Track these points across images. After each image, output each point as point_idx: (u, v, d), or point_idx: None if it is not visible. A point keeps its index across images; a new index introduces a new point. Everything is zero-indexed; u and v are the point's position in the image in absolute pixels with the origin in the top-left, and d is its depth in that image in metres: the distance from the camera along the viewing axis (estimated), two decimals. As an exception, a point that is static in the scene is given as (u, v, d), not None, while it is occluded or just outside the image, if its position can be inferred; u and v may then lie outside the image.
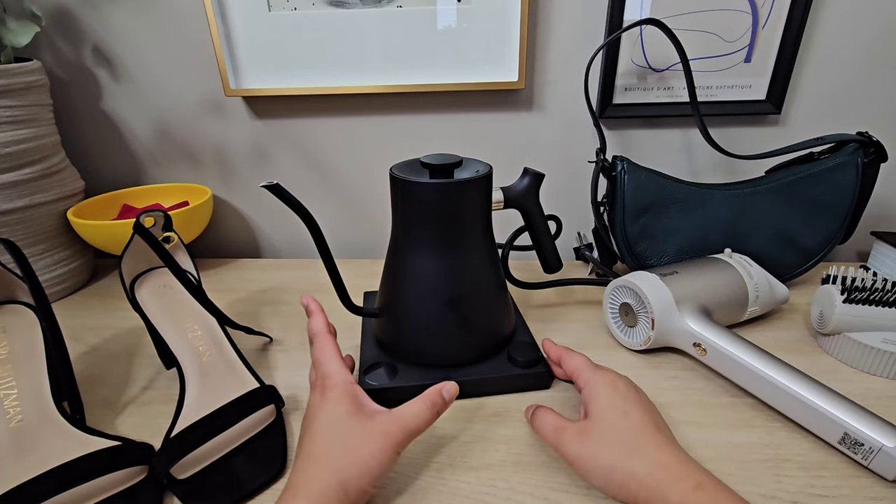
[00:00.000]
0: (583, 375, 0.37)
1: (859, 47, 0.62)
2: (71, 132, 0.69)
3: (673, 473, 0.29)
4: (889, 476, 0.34)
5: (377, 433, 0.32)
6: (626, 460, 0.30)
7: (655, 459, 0.30)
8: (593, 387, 0.36)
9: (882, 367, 0.45)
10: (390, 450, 0.32)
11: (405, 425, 0.33)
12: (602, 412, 0.33)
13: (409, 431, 0.33)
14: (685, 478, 0.28)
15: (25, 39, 0.57)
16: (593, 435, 0.32)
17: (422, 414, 0.34)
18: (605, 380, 0.36)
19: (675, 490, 0.28)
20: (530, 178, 0.48)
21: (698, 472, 0.29)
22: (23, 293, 0.44)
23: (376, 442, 0.32)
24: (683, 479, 0.28)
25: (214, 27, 0.61)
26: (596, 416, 0.33)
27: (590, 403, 0.35)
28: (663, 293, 0.47)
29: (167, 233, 0.47)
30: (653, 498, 0.28)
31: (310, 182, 0.73)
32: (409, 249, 0.43)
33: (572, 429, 0.33)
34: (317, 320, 0.40)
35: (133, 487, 0.34)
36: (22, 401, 0.38)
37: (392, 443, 0.32)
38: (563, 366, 0.40)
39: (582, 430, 0.33)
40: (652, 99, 0.64)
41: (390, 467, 0.32)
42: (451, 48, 0.62)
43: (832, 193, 0.55)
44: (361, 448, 0.32)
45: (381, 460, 0.31)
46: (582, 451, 0.32)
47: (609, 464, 0.30)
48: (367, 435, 0.32)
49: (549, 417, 0.35)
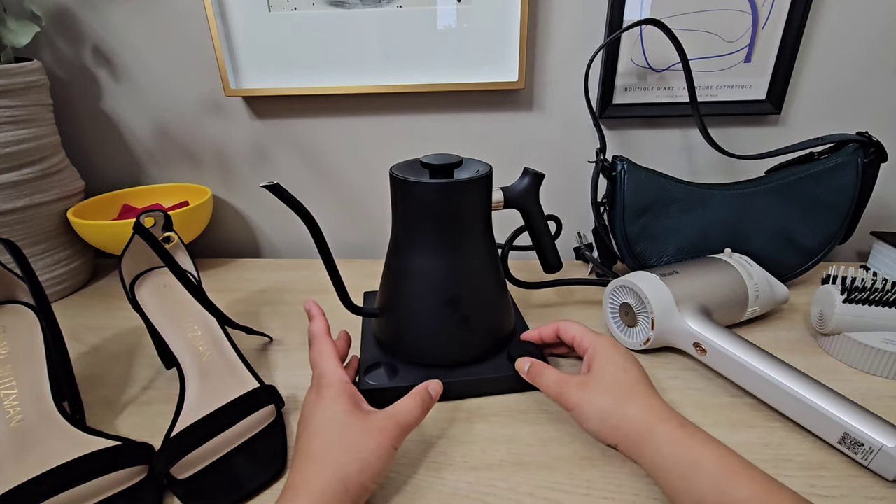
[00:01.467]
0: (587, 339, 0.41)
1: (859, 47, 0.62)
2: (71, 132, 0.69)
3: (661, 415, 0.33)
4: (889, 476, 0.34)
5: (374, 430, 0.33)
6: (623, 404, 0.34)
7: (647, 404, 0.34)
8: (598, 347, 0.39)
9: (882, 367, 0.45)
10: (388, 445, 0.32)
11: (400, 421, 0.34)
12: (604, 366, 0.37)
13: (404, 427, 0.34)
14: (671, 418, 0.33)
15: (25, 39, 0.57)
16: (593, 384, 0.36)
17: (413, 410, 0.35)
18: (608, 341, 0.40)
19: (662, 427, 0.32)
20: (530, 178, 0.48)
21: (681, 417, 0.33)
22: (23, 293, 0.44)
23: (374, 438, 0.32)
24: (670, 419, 0.33)
25: (214, 27, 0.61)
26: (598, 370, 0.37)
27: (594, 361, 0.38)
28: (663, 293, 0.47)
29: (167, 233, 0.47)
30: (642, 434, 0.32)
31: (310, 182, 0.73)
32: (410, 249, 0.43)
33: (574, 380, 0.37)
34: (316, 323, 0.41)
35: (133, 487, 0.34)
36: (22, 401, 0.38)
37: (389, 438, 0.33)
38: (563, 335, 0.43)
39: (584, 382, 0.37)
40: (652, 99, 0.64)
41: (389, 463, 0.33)
42: (451, 48, 0.62)
43: (832, 193, 0.55)
44: (360, 445, 0.32)
45: (380, 455, 0.32)
46: (583, 396, 0.36)
47: (607, 407, 0.34)
48: (365, 432, 0.33)
49: (550, 372, 0.39)
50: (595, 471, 0.36)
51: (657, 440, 0.32)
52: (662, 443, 0.31)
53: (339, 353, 0.41)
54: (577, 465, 0.36)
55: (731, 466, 0.29)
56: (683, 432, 0.32)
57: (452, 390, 0.42)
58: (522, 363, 0.42)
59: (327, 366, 0.37)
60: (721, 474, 0.29)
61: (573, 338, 0.42)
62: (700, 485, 0.29)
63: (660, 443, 0.31)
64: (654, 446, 0.32)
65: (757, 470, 0.29)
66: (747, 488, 0.28)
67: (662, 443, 0.31)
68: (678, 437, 0.31)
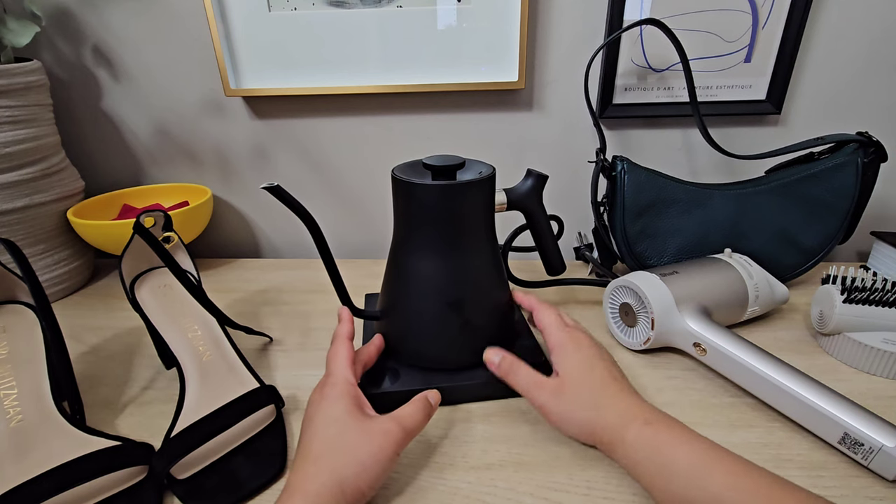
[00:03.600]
0: (553, 336, 0.40)
1: (859, 47, 0.62)
2: (71, 132, 0.69)
3: (627, 416, 0.34)
4: (889, 476, 0.34)
5: (377, 432, 0.33)
6: (592, 412, 0.35)
7: (615, 408, 0.35)
8: (562, 347, 0.39)
9: (882, 367, 0.45)
10: (390, 450, 0.32)
11: (405, 425, 0.34)
12: (570, 370, 0.37)
13: (409, 431, 0.34)
14: (637, 417, 0.33)
15: (25, 39, 0.57)
16: (567, 393, 0.36)
17: (417, 415, 0.35)
18: (570, 338, 0.39)
19: (630, 430, 0.33)
20: (534, 179, 0.48)
21: (648, 411, 0.34)
22: (23, 293, 0.44)
23: (376, 442, 0.32)
24: (636, 418, 0.33)
25: (214, 27, 0.61)
26: (566, 374, 0.37)
27: (560, 363, 0.38)
28: (663, 293, 0.47)
29: (167, 233, 0.47)
30: (614, 441, 0.33)
31: (310, 182, 0.73)
32: (412, 252, 0.43)
33: (548, 386, 0.37)
34: (340, 326, 0.42)
35: (133, 487, 0.34)
36: (22, 401, 0.38)
37: (392, 441, 0.32)
38: (535, 321, 0.43)
39: (557, 389, 0.37)
40: (652, 99, 0.65)
41: (389, 469, 0.32)
42: (451, 48, 0.62)
43: (832, 193, 0.55)
44: (359, 448, 0.32)
45: (379, 460, 0.31)
46: (561, 408, 0.36)
47: (582, 418, 0.35)
48: (366, 434, 0.32)
49: (523, 371, 0.38)
50: (595, 471, 0.36)
51: (626, 444, 0.32)
52: (632, 446, 0.32)
53: (364, 360, 0.41)
54: (577, 465, 0.36)
55: (703, 459, 0.30)
56: (650, 430, 0.32)
57: (455, 395, 0.42)
58: (492, 355, 0.40)
59: (336, 366, 0.37)
60: (695, 470, 0.29)
61: (542, 329, 0.42)
62: (678, 483, 0.29)
63: (630, 447, 0.32)
64: (625, 450, 0.32)
65: (730, 456, 0.30)
66: (722, 478, 0.28)
67: (632, 446, 0.32)
68: (646, 437, 0.32)
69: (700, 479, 0.29)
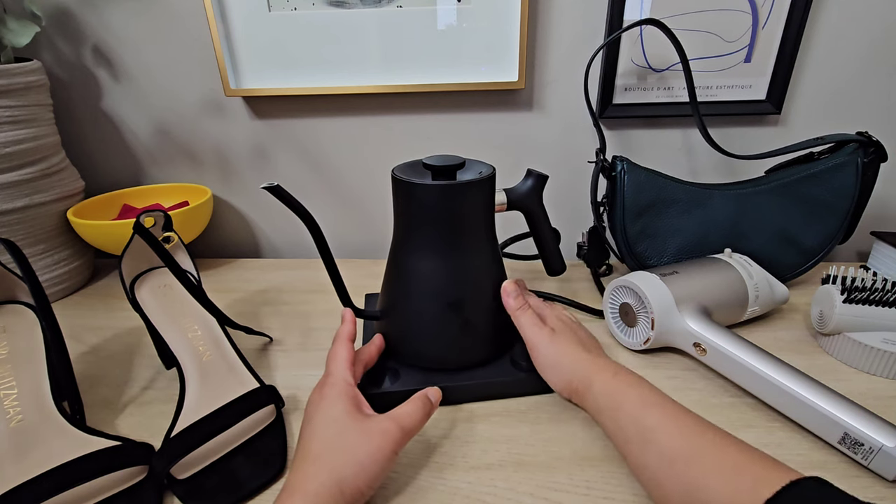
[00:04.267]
0: (526, 338, 0.42)
1: (859, 47, 0.62)
2: (71, 132, 0.69)
3: (597, 368, 0.37)
4: (889, 476, 0.34)
5: (375, 432, 0.33)
6: (575, 364, 0.38)
7: (592, 363, 0.38)
8: (533, 349, 0.41)
9: (882, 367, 0.45)
10: (388, 449, 0.32)
11: (403, 425, 0.34)
12: (560, 332, 0.41)
13: (407, 431, 0.34)
14: (605, 369, 0.37)
15: (25, 39, 0.57)
16: (557, 343, 0.40)
17: (415, 414, 0.35)
18: (542, 343, 0.41)
19: (598, 378, 0.36)
20: (534, 179, 0.48)
21: (619, 366, 0.37)
22: (23, 293, 0.44)
23: (374, 441, 0.32)
24: (605, 369, 0.37)
25: (214, 27, 0.61)
26: (557, 333, 0.41)
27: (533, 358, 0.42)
28: (663, 293, 0.47)
29: (167, 233, 0.47)
30: (584, 386, 0.37)
31: (310, 182, 0.73)
32: (412, 252, 0.43)
33: (546, 331, 0.41)
34: (342, 327, 0.42)
35: (133, 487, 0.34)
36: (22, 401, 0.38)
37: (391, 441, 0.32)
38: (514, 321, 0.43)
39: (551, 336, 0.41)
40: (652, 99, 0.64)
41: (388, 468, 0.32)
42: (451, 48, 0.62)
43: (832, 193, 0.55)
44: (358, 448, 0.32)
45: (377, 459, 0.31)
46: (549, 351, 0.40)
47: (564, 366, 0.39)
48: (365, 433, 0.32)
49: (529, 313, 0.42)
50: (595, 471, 0.36)
51: (594, 389, 0.36)
52: (598, 391, 0.36)
53: (364, 360, 0.41)
54: (577, 465, 0.36)
55: (646, 400, 0.34)
56: (615, 380, 0.36)
57: (455, 395, 0.42)
58: (510, 288, 0.43)
59: (335, 367, 0.37)
60: (637, 409, 0.33)
61: (518, 327, 0.43)
62: (623, 420, 0.33)
63: (596, 391, 0.36)
64: (592, 395, 0.36)
65: (670, 401, 0.33)
66: (657, 417, 0.32)
67: (598, 391, 0.36)
68: (610, 384, 0.36)
69: (640, 416, 0.32)
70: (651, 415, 0.32)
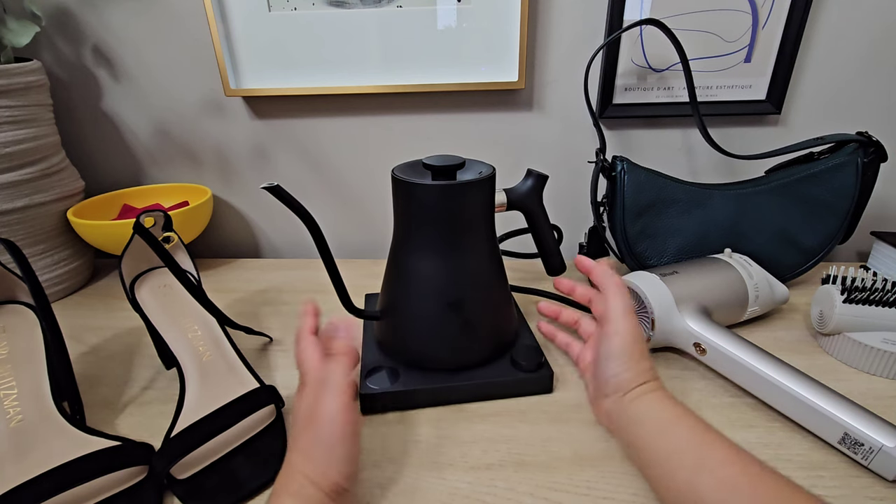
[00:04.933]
0: (623, 311, 0.38)
1: (859, 47, 0.62)
2: (71, 132, 0.69)
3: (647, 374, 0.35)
4: (889, 476, 0.34)
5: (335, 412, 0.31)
6: (637, 350, 0.36)
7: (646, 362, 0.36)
8: (626, 329, 0.37)
9: (882, 367, 0.45)
10: (341, 419, 0.31)
11: (330, 382, 0.32)
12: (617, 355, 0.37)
13: (336, 385, 0.32)
14: (653, 379, 0.35)
15: (25, 39, 0.57)
16: (635, 321, 0.37)
17: (338, 369, 0.33)
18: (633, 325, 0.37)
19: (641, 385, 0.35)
20: (534, 179, 0.48)
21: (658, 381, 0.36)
22: (23, 293, 0.44)
23: (336, 422, 0.31)
24: (653, 379, 0.35)
25: (214, 27, 0.61)
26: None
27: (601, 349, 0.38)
28: (663, 293, 0.47)
29: (167, 233, 0.47)
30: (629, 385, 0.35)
31: (310, 182, 0.73)
32: (412, 252, 0.43)
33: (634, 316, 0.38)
34: (302, 322, 0.38)
35: (133, 487, 0.34)
36: (22, 401, 0.38)
37: (338, 405, 0.31)
38: (614, 292, 0.39)
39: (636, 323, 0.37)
40: (652, 99, 0.64)
41: (350, 450, 0.31)
42: (451, 48, 0.62)
43: (832, 193, 0.55)
44: (324, 436, 0.30)
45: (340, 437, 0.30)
46: (632, 327, 0.37)
47: (633, 346, 0.36)
48: (328, 421, 0.31)
49: (623, 294, 0.38)
50: (595, 471, 0.36)
51: (630, 395, 0.34)
52: (634, 400, 0.34)
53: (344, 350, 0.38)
54: (577, 465, 0.36)
55: (706, 426, 0.32)
56: (653, 394, 0.34)
57: (455, 395, 0.42)
58: (607, 265, 0.40)
59: (305, 364, 0.35)
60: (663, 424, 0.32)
61: (602, 313, 0.39)
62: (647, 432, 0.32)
63: (633, 399, 0.34)
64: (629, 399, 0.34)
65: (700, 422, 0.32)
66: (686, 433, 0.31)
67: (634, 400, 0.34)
68: (647, 398, 0.34)
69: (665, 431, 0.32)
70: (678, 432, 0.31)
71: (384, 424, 0.41)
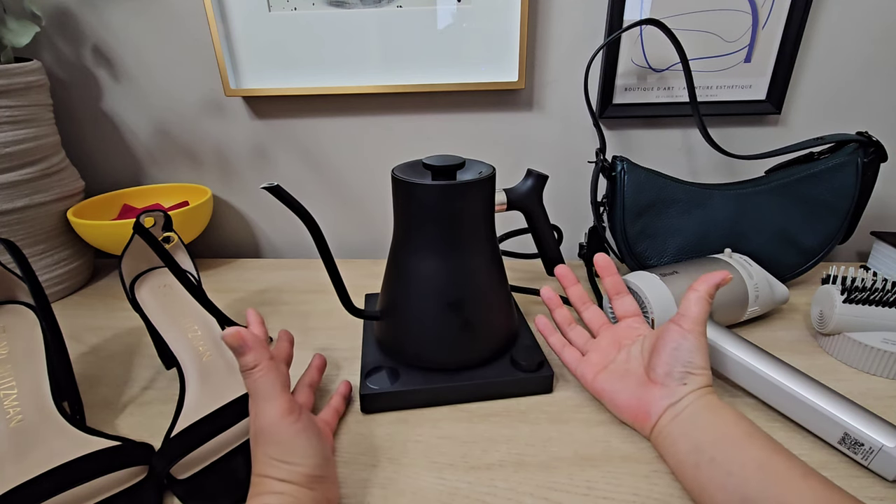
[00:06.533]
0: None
1: (859, 47, 0.62)
2: (71, 132, 0.69)
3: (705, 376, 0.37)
4: (889, 476, 0.34)
5: (272, 418, 0.31)
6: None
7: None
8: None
9: (882, 367, 0.45)
10: (287, 425, 0.31)
11: (264, 394, 0.32)
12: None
13: (271, 394, 0.32)
14: (708, 380, 0.37)
15: (25, 39, 0.57)
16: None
17: (259, 381, 0.32)
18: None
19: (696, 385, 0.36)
20: (534, 179, 0.48)
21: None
22: (23, 293, 0.44)
23: (280, 424, 0.31)
24: (707, 381, 0.37)
25: (214, 27, 0.61)
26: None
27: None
28: (663, 293, 0.47)
29: (167, 233, 0.47)
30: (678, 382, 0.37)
31: (310, 182, 0.73)
32: (412, 252, 0.42)
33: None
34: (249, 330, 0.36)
35: (133, 487, 0.34)
36: (22, 401, 0.38)
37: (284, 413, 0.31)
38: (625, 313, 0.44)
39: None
40: (652, 99, 0.65)
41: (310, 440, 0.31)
42: (451, 48, 0.62)
43: (832, 193, 0.55)
44: (278, 441, 0.31)
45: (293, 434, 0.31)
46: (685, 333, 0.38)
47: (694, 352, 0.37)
48: (270, 425, 0.31)
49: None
50: (595, 471, 0.36)
51: (684, 394, 0.36)
52: (688, 400, 0.35)
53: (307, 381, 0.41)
54: (577, 465, 0.36)
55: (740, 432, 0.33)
56: (709, 396, 0.36)
57: (455, 395, 0.42)
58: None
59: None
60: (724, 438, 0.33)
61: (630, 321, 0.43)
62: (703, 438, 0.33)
63: (687, 399, 0.35)
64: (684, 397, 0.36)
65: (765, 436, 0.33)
66: (758, 451, 0.31)
67: (688, 400, 0.35)
68: (702, 400, 0.35)
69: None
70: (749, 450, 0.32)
71: (384, 424, 0.41)
